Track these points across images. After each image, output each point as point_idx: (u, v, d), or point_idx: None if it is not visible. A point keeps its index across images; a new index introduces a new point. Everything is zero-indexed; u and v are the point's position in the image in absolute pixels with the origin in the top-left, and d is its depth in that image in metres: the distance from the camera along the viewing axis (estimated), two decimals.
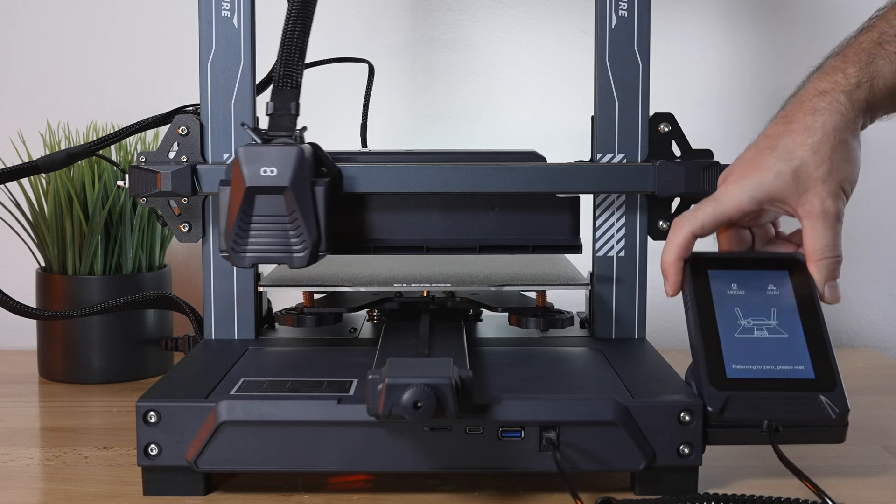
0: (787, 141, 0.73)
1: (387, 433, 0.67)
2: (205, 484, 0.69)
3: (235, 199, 0.73)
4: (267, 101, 0.76)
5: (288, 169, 0.72)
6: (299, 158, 0.72)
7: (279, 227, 0.73)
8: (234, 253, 0.73)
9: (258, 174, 0.72)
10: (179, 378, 0.73)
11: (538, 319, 0.84)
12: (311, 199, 0.73)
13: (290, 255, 0.73)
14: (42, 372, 1.03)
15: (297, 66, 0.76)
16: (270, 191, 0.72)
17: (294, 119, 0.76)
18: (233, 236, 0.73)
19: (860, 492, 0.70)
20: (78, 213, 0.98)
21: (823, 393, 0.68)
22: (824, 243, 0.72)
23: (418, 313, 0.87)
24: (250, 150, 0.72)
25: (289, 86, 0.76)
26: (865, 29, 0.76)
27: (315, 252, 0.73)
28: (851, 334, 1.23)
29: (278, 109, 0.76)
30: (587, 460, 0.67)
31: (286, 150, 0.72)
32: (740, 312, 0.72)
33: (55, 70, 1.19)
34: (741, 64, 1.20)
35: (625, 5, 0.82)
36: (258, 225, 0.73)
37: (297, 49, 0.76)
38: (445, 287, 0.83)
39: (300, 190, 0.72)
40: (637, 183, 0.81)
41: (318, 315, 0.85)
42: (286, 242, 0.73)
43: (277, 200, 0.72)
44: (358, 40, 1.18)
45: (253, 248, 0.73)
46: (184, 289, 1.18)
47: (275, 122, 0.76)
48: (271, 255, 0.73)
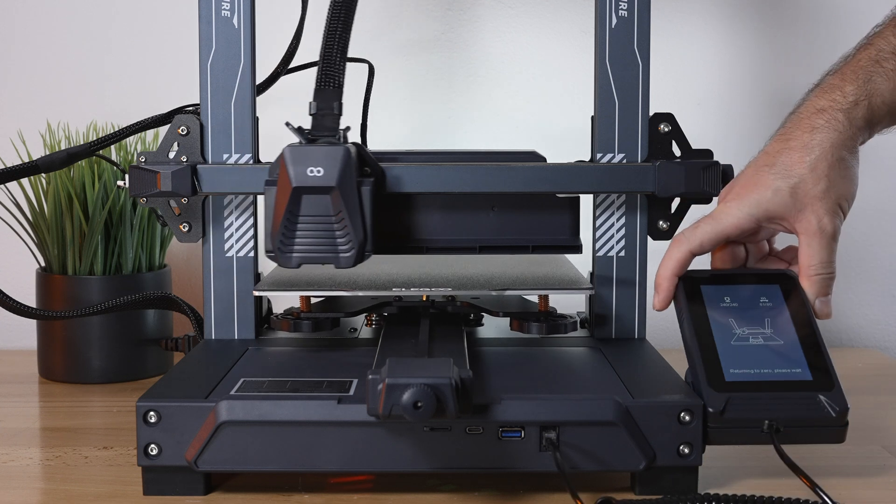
0: (785, 158, 0.74)
1: (387, 433, 0.67)
2: (205, 484, 0.69)
3: (282, 200, 0.73)
4: (309, 100, 0.76)
5: (335, 169, 0.72)
6: (346, 158, 0.72)
7: (326, 228, 0.73)
8: (281, 253, 0.73)
9: (305, 174, 0.72)
10: (179, 378, 0.73)
11: (540, 324, 0.82)
12: (357, 198, 0.73)
13: (337, 255, 0.73)
14: (42, 372, 1.03)
15: (340, 66, 0.77)
16: (317, 191, 0.72)
17: (337, 119, 0.76)
18: (279, 236, 0.73)
19: (860, 492, 0.70)
20: (78, 213, 0.98)
21: (822, 392, 0.68)
22: (819, 260, 0.74)
23: (418, 318, 0.86)
24: (296, 150, 0.72)
25: (331, 85, 0.76)
26: (863, 46, 0.76)
27: (361, 252, 0.73)
28: (851, 334, 1.23)
29: (321, 109, 0.76)
30: (587, 460, 0.67)
31: (333, 150, 0.72)
32: (734, 322, 0.73)
33: (55, 70, 1.19)
34: (741, 64, 1.20)
35: (625, 5, 0.82)
36: (304, 225, 0.73)
37: (338, 48, 0.76)
38: (445, 291, 0.81)
39: (347, 190, 0.72)
40: (637, 183, 0.81)
41: (315, 320, 0.83)
42: (333, 242, 0.73)
43: (324, 200, 0.72)
44: (358, 40, 1.17)
45: (299, 249, 0.73)
46: (184, 289, 1.18)
47: (318, 122, 0.76)
48: (318, 255, 0.73)
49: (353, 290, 0.81)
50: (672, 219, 0.83)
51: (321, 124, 0.76)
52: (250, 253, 0.84)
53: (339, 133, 0.76)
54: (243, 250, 0.84)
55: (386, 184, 0.78)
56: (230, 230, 0.84)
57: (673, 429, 0.67)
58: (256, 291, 0.81)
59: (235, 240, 0.84)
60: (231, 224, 0.84)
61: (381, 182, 0.78)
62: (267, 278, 0.86)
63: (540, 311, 0.84)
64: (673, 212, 0.83)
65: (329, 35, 0.77)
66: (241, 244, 0.84)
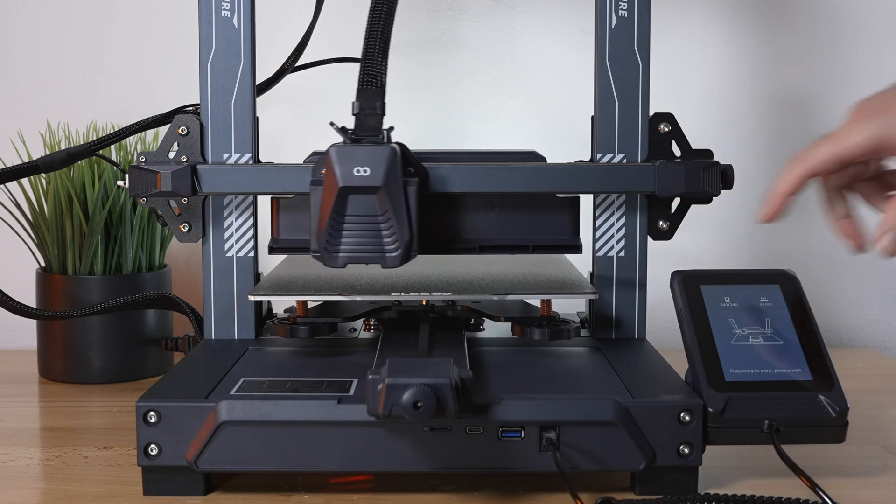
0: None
1: (387, 433, 0.67)
2: (205, 484, 0.69)
3: (328, 200, 0.73)
4: (352, 100, 0.76)
5: (381, 168, 0.72)
6: (392, 158, 0.72)
7: (372, 227, 0.73)
8: (327, 253, 0.73)
9: (351, 174, 0.72)
10: (179, 378, 0.73)
11: (543, 330, 0.80)
12: (403, 198, 0.73)
13: (384, 254, 0.73)
14: (42, 372, 1.03)
15: (381, 66, 0.76)
16: (363, 191, 0.72)
17: (380, 119, 0.76)
18: (325, 236, 0.73)
19: (860, 492, 0.70)
20: (78, 213, 0.98)
21: (822, 392, 0.68)
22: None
23: (417, 323, 0.85)
24: (342, 150, 0.72)
25: (373, 85, 0.76)
26: None
27: (408, 251, 0.73)
28: (851, 334, 1.23)
29: (364, 109, 0.76)
30: (587, 460, 0.67)
31: (379, 150, 0.72)
32: (734, 322, 0.73)
33: (55, 70, 1.19)
34: (741, 64, 1.20)
35: (625, 5, 0.82)
36: (351, 225, 0.73)
37: (380, 48, 0.76)
38: (446, 296, 0.80)
39: (393, 189, 0.72)
40: (637, 183, 0.81)
41: (312, 325, 0.81)
42: (379, 242, 0.73)
43: (370, 200, 0.72)
44: (358, 40, 1.18)
45: (346, 249, 0.73)
46: (184, 289, 1.18)
47: (361, 122, 0.76)
48: (364, 255, 0.73)
49: (351, 295, 0.80)
50: (672, 219, 0.83)
51: (364, 124, 0.76)
52: (250, 253, 0.84)
53: (382, 133, 0.76)
54: (243, 250, 0.84)
55: (430, 184, 0.78)
56: (230, 230, 0.84)
57: (673, 429, 0.67)
58: (252, 296, 0.80)
59: (235, 240, 0.84)
60: (231, 224, 0.84)
61: (424, 182, 0.78)
62: (264, 281, 0.84)
63: (542, 315, 0.83)
64: (673, 212, 0.83)
65: (370, 34, 0.76)
66: (241, 244, 0.84)
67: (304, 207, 0.83)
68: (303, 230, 0.83)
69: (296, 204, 0.83)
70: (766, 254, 1.22)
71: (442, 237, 0.82)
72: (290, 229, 0.83)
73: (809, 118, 1.19)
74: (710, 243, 1.21)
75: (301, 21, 1.17)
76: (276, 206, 0.83)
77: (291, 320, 0.82)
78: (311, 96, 1.17)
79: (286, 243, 0.83)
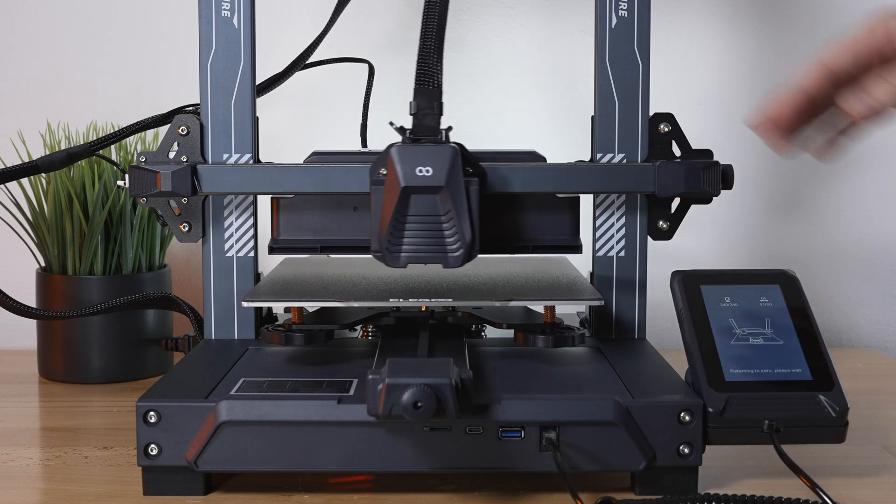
0: None
1: (387, 433, 0.67)
2: (205, 484, 0.69)
3: (389, 200, 0.73)
4: (409, 100, 0.76)
5: (443, 168, 0.72)
6: (454, 157, 0.73)
7: (434, 227, 0.73)
8: (388, 253, 0.73)
9: (414, 174, 0.72)
10: (179, 378, 0.73)
11: (546, 337, 0.77)
12: (465, 198, 0.73)
13: (446, 254, 0.73)
14: (42, 372, 1.03)
15: (437, 65, 0.76)
16: (426, 190, 0.72)
17: (438, 118, 0.76)
18: (387, 236, 0.73)
19: (860, 492, 0.70)
20: (78, 213, 0.98)
21: (822, 392, 0.68)
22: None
23: (416, 330, 0.83)
24: (404, 150, 0.73)
25: (430, 85, 0.76)
26: None
27: (469, 252, 0.73)
28: (851, 334, 1.23)
29: (422, 109, 0.76)
30: (587, 460, 0.67)
31: (441, 150, 0.72)
32: (734, 322, 0.73)
33: (55, 70, 1.19)
34: (741, 64, 1.20)
35: (625, 5, 0.82)
36: (413, 225, 0.73)
37: (435, 48, 0.76)
38: (446, 302, 0.78)
39: (455, 189, 0.72)
40: (637, 183, 0.81)
41: (308, 333, 0.78)
42: (441, 242, 0.73)
43: (432, 200, 0.72)
44: (358, 40, 1.18)
45: (407, 249, 0.73)
46: (184, 289, 1.18)
47: (419, 122, 0.76)
48: (426, 254, 0.73)
49: (348, 301, 0.78)
50: (672, 219, 0.83)
51: (422, 124, 0.76)
52: (250, 253, 0.84)
53: (441, 133, 0.75)
54: (243, 250, 0.84)
55: (488, 183, 0.78)
56: (230, 230, 0.84)
57: (673, 429, 0.67)
58: (245, 303, 0.78)
59: (235, 240, 0.84)
60: (231, 224, 0.84)
61: (483, 182, 0.78)
62: (260, 286, 0.83)
63: (546, 322, 0.81)
64: (673, 212, 0.84)
65: (425, 34, 0.77)
66: (241, 244, 0.84)
67: (304, 207, 0.82)
68: (303, 230, 0.83)
69: (296, 204, 0.83)
70: (766, 254, 1.22)
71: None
72: (290, 229, 0.83)
73: None
74: (710, 243, 1.22)
75: (301, 21, 1.18)
76: (276, 206, 0.83)
77: (286, 327, 0.80)
78: (311, 96, 1.17)
79: (286, 243, 0.83)
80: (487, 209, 0.82)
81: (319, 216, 0.83)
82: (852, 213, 1.22)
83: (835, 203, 1.21)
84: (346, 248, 0.83)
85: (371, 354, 0.77)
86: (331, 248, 0.83)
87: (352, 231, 0.83)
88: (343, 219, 0.83)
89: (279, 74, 0.90)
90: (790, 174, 1.21)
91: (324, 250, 0.83)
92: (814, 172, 1.21)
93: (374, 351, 0.77)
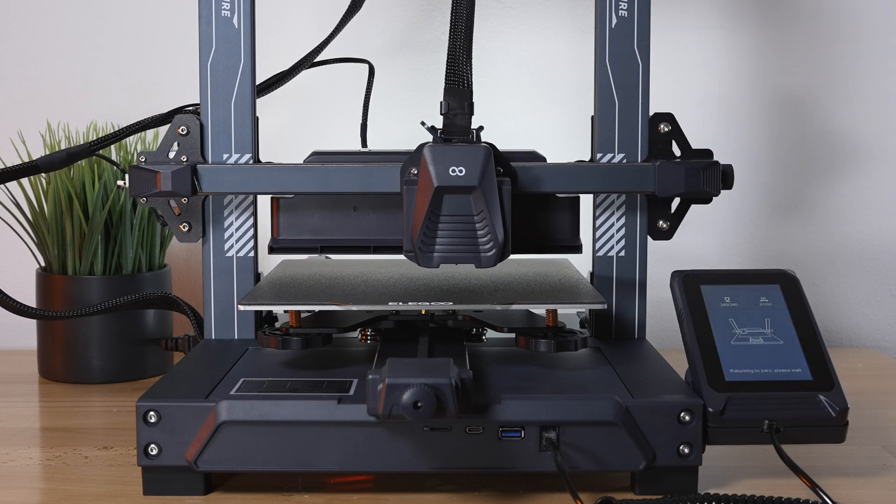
0: None
1: (387, 433, 0.67)
2: (205, 484, 0.69)
3: (423, 199, 0.73)
4: (440, 100, 0.76)
5: (476, 168, 0.72)
6: (487, 158, 0.73)
7: (467, 227, 0.73)
8: (421, 253, 0.73)
9: (447, 174, 0.72)
10: (179, 378, 0.73)
11: (549, 342, 0.76)
12: (498, 198, 0.73)
13: (479, 254, 0.73)
14: (42, 372, 1.03)
15: (467, 65, 0.76)
16: (459, 190, 0.72)
17: (469, 118, 0.76)
18: (420, 236, 0.73)
19: (860, 492, 0.70)
20: (78, 213, 0.98)
21: (822, 392, 0.68)
22: None
23: (416, 333, 0.82)
24: (437, 150, 0.72)
25: (461, 85, 0.76)
26: None
27: (502, 251, 0.73)
28: (851, 334, 1.23)
29: (453, 108, 0.76)
30: (587, 460, 0.67)
31: (474, 150, 0.72)
32: (735, 322, 0.73)
33: (55, 70, 1.19)
34: (741, 64, 1.20)
35: (625, 5, 0.82)
36: (446, 225, 0.73)
37: (464, 48, 0.76)
38: (446, 306, 0.77)
39: (488, 189, 0.72)
40: (637, 183, 0.81)
41: (306, 336, 0.77)
42: (474, 242, 0.73)
43: (465, 200, 0.72)
44: (358, 40, 1.18)
45: (440, 248, 0.73)
46: (184, 289, 1.18)
47: (450, 122, 0.76)
48: (459, 254, 0.73)
49: (347, 304, 0.77)
50: (672, 219, 0.83)
51: (453, 123, 0.76)
52: (250, 253, 0.84)
53: (472, 133, 0.75)
54: (243, 250, 0.84)
55: (520, 183, 0.78)
56: (230, 230, 0.84)
57: (673, 429, 0.67)
58: (242, 306, 0.77)
59: (235, 240, 0.84)
60: (231, 224, 0.84)
61: (515, 182, 0.78)
62: (257, 288, 0.82)
63: (547, 326, 0.80)
64: (673, 212, 0.84)
65: (454, 35, 0.77)
66: (241, 244, 0.84)
67: (303, 207, 0.82)
68: (303, 230, 0.83)
69: (296, 204, 0.83)
70: (766, 254, 1.22)
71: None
72: (290, 229, 0.83)
73: (809, 118, 1.19)
74: (710, 243, 1.22)
75: (301, 21, 1.18)
76: (276, 206, 0.83)
77: (284, 331, 0.78)
78: (311, 96, 1.17)
79: (286, 243, 0.83)
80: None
81: (319, 216, 0.83)
82: (852, 213, 1.22)
83: (835, 203, 1.21)
84: (345, 248, 0.83)
85: (370, 357, 0.77)
86: (331, 249, 0.83)
87: (352, 231, 0.83)
88: (343, 219, 0.83)
89: (282, 74, 0.90)
90: (790, 174, 1.21)
91: (324, 250, 0.83)
92: (814, 172, 1.21)
93: (374, 354, 0.77)
